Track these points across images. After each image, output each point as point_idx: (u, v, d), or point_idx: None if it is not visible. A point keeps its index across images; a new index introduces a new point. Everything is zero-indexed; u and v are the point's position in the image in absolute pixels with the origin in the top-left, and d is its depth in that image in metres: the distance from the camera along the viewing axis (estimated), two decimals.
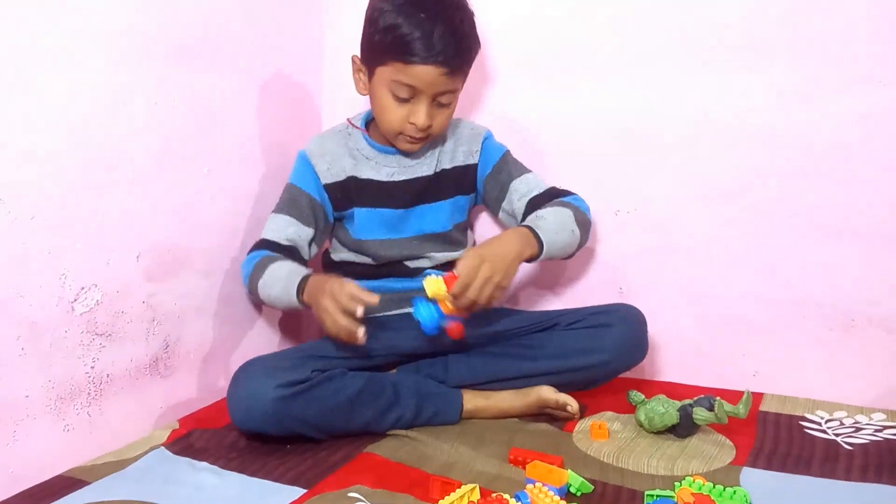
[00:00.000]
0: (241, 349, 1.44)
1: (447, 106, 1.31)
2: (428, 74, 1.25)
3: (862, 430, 1.23)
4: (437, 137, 1.37)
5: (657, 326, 1.43)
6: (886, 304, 1.34)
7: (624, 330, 1.30)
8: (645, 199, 1.46)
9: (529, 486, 0.96)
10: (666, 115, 1.43)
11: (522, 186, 1.39)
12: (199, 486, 1.05)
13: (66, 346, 1.09)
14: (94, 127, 1.11)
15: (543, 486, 0.96)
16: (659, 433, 1.21)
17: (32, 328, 1.04)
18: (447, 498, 0.94)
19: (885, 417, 1.27)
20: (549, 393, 1.28)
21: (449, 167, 1.40)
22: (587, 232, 1.35)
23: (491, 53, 1.51)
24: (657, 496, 0.97)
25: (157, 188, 1.22)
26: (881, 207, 1.32)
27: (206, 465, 1.11)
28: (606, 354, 1.29)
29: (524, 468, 1.05)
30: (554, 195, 1.38)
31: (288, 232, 1.34)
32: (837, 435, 1.21)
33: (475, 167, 1.42)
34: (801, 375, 1.39)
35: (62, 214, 1.07)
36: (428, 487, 1.02)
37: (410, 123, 1.29)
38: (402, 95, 1.27)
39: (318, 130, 1.47)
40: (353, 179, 1.37)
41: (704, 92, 1.40)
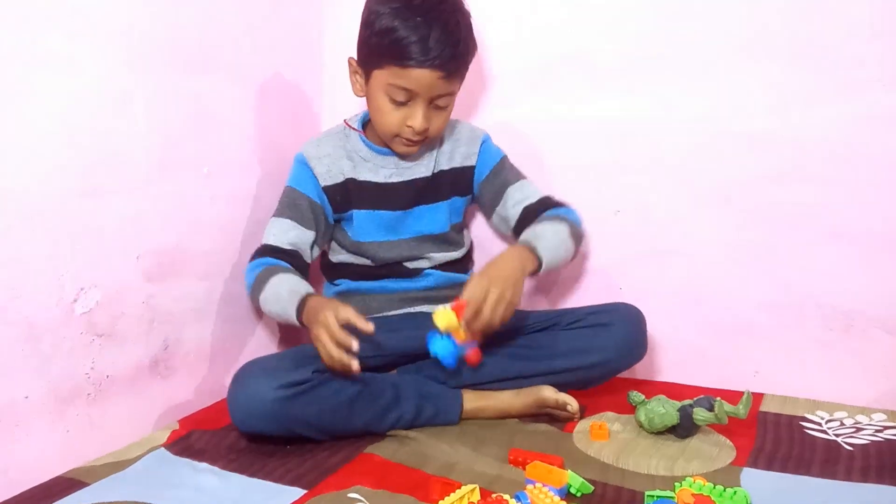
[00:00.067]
0: (241, 350, 1.44)
1: (444, 109, 1.31)
2: (424, 78, 1.24)
3: (862, 430, 1.23)
4: (434, 140, 1.37)
5: (657, 326, 1.43)
6: (886, 304, 1.34)
7: (623, 329, 1.31)
8: (645, 199, 1.46)
9: (529, 486, 0.97)
10: (666, 117, 1.43)
11: (518, 193, 1.40)
12: (199, 486, 1.05)
13: (65, 346, 1.09)
14: (94, 128, 1.11)
15: (543, 486, 0.96)
16: (659, 434, 1.21)
17: (32, 329, 1.04)
18: (447, 499, 0.94)
19: (885, 418, 1.27)
20: (549, 393, 1.28)
21: (447, 168, 1.40)
22: (580, 244, 1.37)
23: (491, 58, 1.51)
24: (657, 497, 0.97)
25: (156, 189, 1.22)
26: (881, 209, 1.32)
27: (206, 465, 1.11)
28: (606, 354, 1.30)
29: (524, 469, 1.05)
30: (548, 205, 1.38)
31: (289, 236, 1.33)
32: (838, 435, 1.21)
33: (472, 169, 1.42)
34: (801, 376, 1.39)
35: (62, 215, 1.07)
36: (428, 488, 1.02)
37: (407, 126, 1.29)
38: (398, 99, 1.27)
39: (317, 132, 1.47)
40: (351, 181, 1.37)
41: (704, 95, 1.40)
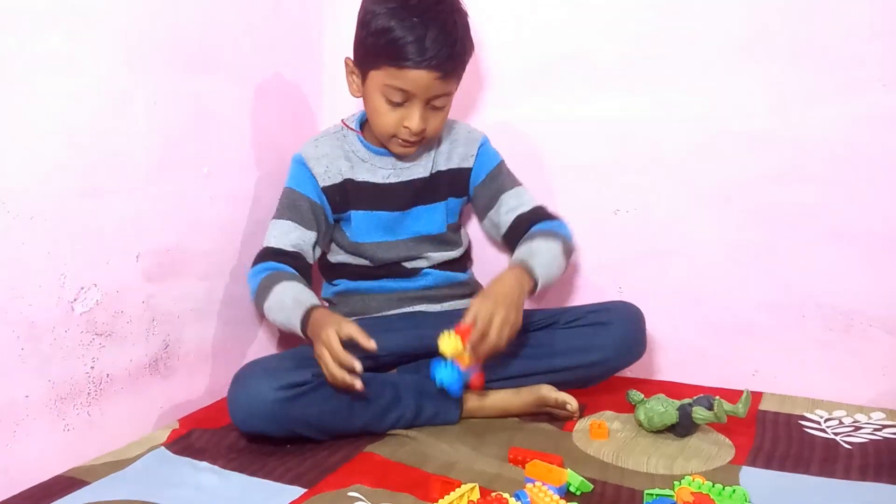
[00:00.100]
0: (241, 349, 1.45)
1: (441, 109, 1.30)
2: (421, 79, 1.24)
3: (861, 429, 1.23)
4: (432, 140, 1.37)
5: (657, 326, 1.43)
6: (886, 304, 1.34)
7: (623, 328, 1.31)
8: (645, 199, 1.47)
9: (529, 485, 0.97)
10: (666, 117, 1.43)
11: (512, 200, 1.39)
12: (199, 485, 1.06)
13: (65, 345, 1.09)
14: (94, 128, 1.11)
15: (543, 485, 0.96)
16: (658, 432, 1.21)
17: (32, 328, 1.05)
18: (447, 497, 0.94)
19: (884, 416, 1.27)
20: (548, 391, 1.28)
21: (444, 169, 1.40)
22: (570, 257, 1.37)
23: (491, 58, 1.52)
24: (656, 495, 0.97)
25: (156, 189, 1.22)
26: (881, 208, 1.32)
27: (206, 464, 1.11)
28: (605, 352, 1.30)
29: (524, 467, 1.05)
30: (540, 216, 1.38)
31: (291, 237, 1.33)
32: (837, 434, 1.21)
33: (469, 171, 1.41)
34: (800, 375, 1.40)
35: (62, 215, 1.07)
36: (428, 487, 1.02)
37: (404, 127, 1.28)
38: (395, 99, 1.27)
39: (317, 132, 1.47)
40: (349, 182, 1.37)
41: (704, 95, 1.40)
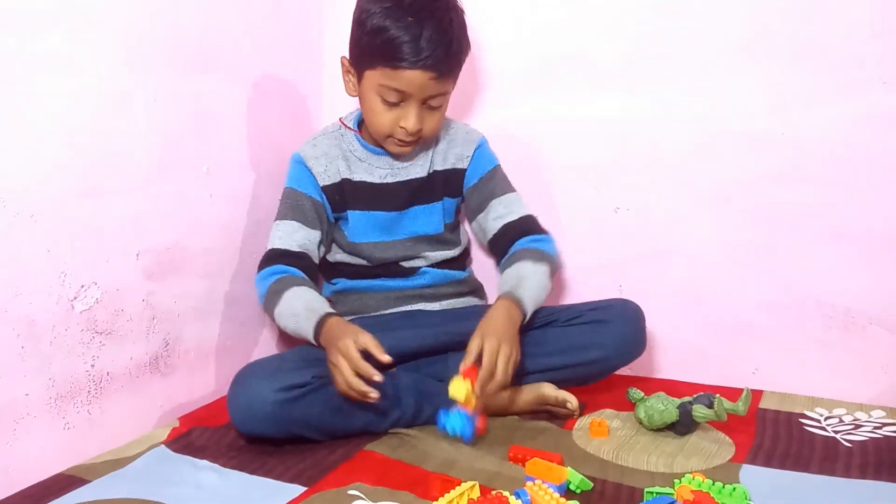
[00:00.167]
0: (241, 347, 1.45)
1: (438, 109, 1.30)
2: (417, 79, 1.23)
3: (861, 427, 1.23)
4: (429, 139, 1.36)
5: (657, 326, 1.43)
6: (886, 303, 1.34)
7: (622, 326, 1.30)
8: (645, 199, 1.47)
9: (529, 483, 0.97)
10: (666, 117, 1.43)
11: (501, 208, 1.38)
12: (199, 484, 1.06)
13: (65, 344, 1.09)
14: (94, 128, 1.11)
15: (543, 483, 0.96)
16: (658, 430, 1.21)
17: (32, 326, 1.05)
18: (447, 496, 0.94)
19: (884, 415, 1.27)
20: (548, 390, 1.28)
21: (441, 169, 1.39)
22: (554, 275, 1.34)
23: (491, 58, 1.52)
24: (657, 493, 0.97)
25: (156, 189, 1.22)
26: (881, 208, 1.32)
27: (206, 463, 1.11)
28: (605, 350, 1.29)
29: (524, 466, 1.05)
30: (527, 227, 1.36)
31: (296, 237, 1.32)
32: (837, 432, 1.21)
33: (463, 172, 1.40)
34: (800, 373, 1.40)
35: (62, 213, 1.07)
36: (428, 485, 1.02)
37: (400, 127, 1.28)
38: (391, 100, 1.26)
39: (317, 132, 1.47)
40: (346, 182, 1.36)
41: (704, 95, 1.40)
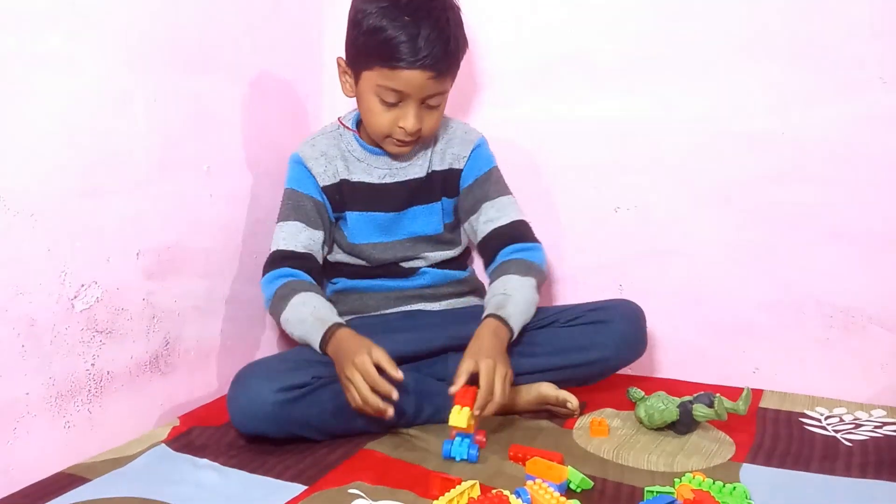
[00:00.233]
0: (241, 346, 1.44)
1: (436, 108, 1.29)
2: (415, 79, 1.23)
3: (861, 426, 1.23)
4: (428, 139, 1.36)
5: (657, 326, 1.43)
6: (886, 303, 1.34)
7: (623, 326, 1.30)
8: (645, 199, 1.47)
9: (529, 482, 0.97)
10: (666, 117, 1.43)
11: (493, 211, 1.37)
12: (199, 483, 1.06)
13: (66, 343, 1.09)
14: (94, 128, 1.11)
15: (543, 482, 0.96)
16: (659, 430, 1.22)
17: (32, 325, 1.05)
18: (447, 494, 0.94)
19: (884, 414, 1.27)
20: (549, 390, 1.28)
21: (439, 169, 1.39)
22: (541, 287, 1.34)
23: (491, 58, 1.52)
24: (657, 492, 0.97)
25: (156, 189, 1.22)
26: (881, 208, 1.32)
27: (206, 462, 1.11)
28: (606, 350, 1.29)
29: (524, 465, 1.05)
30: (516, 234, 1.35)
31: (301, 238, 1.32)
32: (837, 431, 1.21)
33: (460, 173, 1.39)
34: (800, 372, 1.40)
35: (62, 212, 1.07)
36: (428, 484, 1.02)
37: (399, 128, 1.27)
38: (389, 100, 1.25)
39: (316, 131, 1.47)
40: (345, 182, 1.36)
41: (704, 95, 1.40)
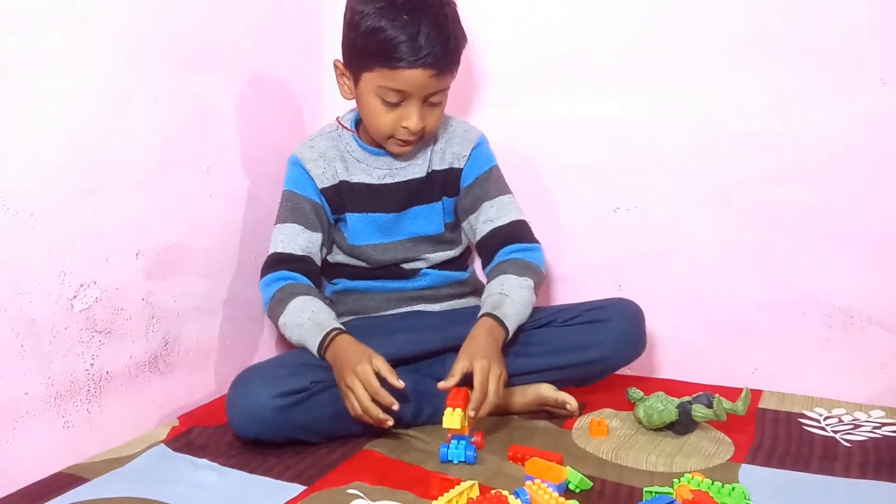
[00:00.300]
0: (240, 346, 1.44)
1: (438, 105, 1.29)
2: (417, 78, 1.22)
3: (860, 427, 1.23)
4: (429, 137, 1.36)
5: (657, 326, 1.43)
6: (886, 303, 1.34)
7: (622, 325, 1.30)
8: (645, 199, 1.47)
9: (528, 482, 0.97)
10: (666, 117, 1.43)
11: (492, 211, 1.36)
12: (198, 483, 1.06)
13: (65, 343, 1.09)
14: (94, 128, 1.11)
15: (542, 482, 0.96)
16: (658, 430, 1.22)
17: (32, 325, 1.05)
18: (446, 495, 0.94)
19: (883, 415, 1.27)
20: (548, 391, 1.28)
21: (439, 168, 1.38)
22: (538, 288, 1.33)
23: (491, 58, 1.51)
24: (656, 493, 0.97)
25: (156, 189, 1.22)
26: (881, 208, 1.32)
27: (205, 462, 1.11)
28: (605, 350, 1.29)
29: (523, 465, 1.06)
30: (515, 234, 1.34)
31: (299, 241, 1.32)
32: (836, 432, 1.21)
33: (460, 172, 1.39)
34: (800, 373, 1.40)
35: (62, 212, 1.07)
36: (427, 484, 1.02)
37: (403, 127, 1.27)
38: (391, 100, 1.25)
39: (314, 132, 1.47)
40: (344, 184, 1.35)
41: (704, 95, 1.40)
